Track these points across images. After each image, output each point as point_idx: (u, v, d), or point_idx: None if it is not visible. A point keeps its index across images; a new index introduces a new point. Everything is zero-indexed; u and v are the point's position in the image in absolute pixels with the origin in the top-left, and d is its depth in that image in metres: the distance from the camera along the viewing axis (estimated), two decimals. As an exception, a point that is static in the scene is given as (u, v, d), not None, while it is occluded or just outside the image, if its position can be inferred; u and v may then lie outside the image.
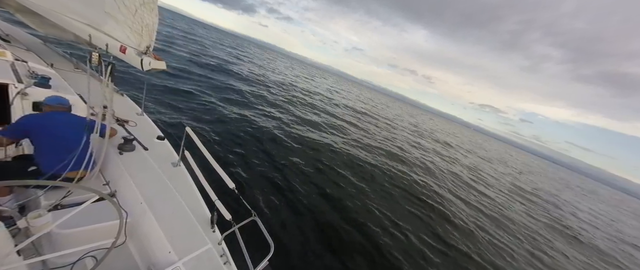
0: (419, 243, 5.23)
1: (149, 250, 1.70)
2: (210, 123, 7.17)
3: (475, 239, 6.43)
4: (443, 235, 5.93)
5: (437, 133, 34.51)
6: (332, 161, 7.77)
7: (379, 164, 9.21)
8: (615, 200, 47.73)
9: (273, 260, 1.71)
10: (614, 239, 12.93)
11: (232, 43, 53.80)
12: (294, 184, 5.50)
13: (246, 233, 1.86)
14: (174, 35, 25.13)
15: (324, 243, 4.11)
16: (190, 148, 2.53)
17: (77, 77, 3.74)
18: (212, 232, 1.92)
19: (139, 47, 1.72)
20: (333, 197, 5.60)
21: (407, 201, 7.10)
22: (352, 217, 5.10)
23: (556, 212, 14.23)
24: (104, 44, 1.82)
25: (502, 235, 7.42)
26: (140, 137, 2.55)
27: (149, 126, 3.07)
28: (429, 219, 6.50)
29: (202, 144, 2.31)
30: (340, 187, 6.24)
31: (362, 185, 6.82)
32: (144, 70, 1.69)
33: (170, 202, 1.94)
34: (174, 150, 2.71)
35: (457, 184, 11.13)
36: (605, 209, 25.98)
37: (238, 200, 2.05)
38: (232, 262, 1.77)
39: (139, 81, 7.57)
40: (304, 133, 9.53)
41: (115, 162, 2.17)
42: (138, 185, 1.96)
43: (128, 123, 2.83)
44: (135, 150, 2.37)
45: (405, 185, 8.25)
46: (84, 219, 1.59)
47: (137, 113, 3.27)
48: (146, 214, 1.79)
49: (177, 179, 2.26)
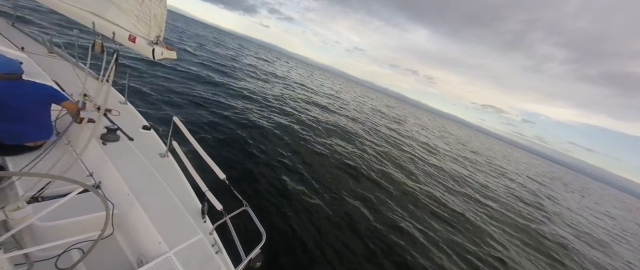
0: (414, 232, 5.45)
1: (138, 241, 1.67)
2: (198, 113, 6.99)
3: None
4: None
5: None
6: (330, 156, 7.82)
7: (381, 167, 9.36)
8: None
9: (265, 249, 1.73)
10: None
11: (233, 43, 51.72)
12: (285, 173, 5.53)
13: (238, 223, 1.87)
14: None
15: (316, 231, 4.20)
16: (178, 138, 2.47)
17: (51, 61, 3.50)
18: (203, 223, 1.91)
19: (149, 36, 1.64)
20: (327, 187, 5.68)
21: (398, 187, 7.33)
22: (346, 206, 5.22)
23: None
24: (110, 32, 1.73)
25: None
26: (125, 127, 2.45)
27: (134, 116, 2.96)
28: (416, 208, 6.77)
29: (190, 134, 2.26)
30: (334, 178, 6.34)
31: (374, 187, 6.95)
32: (155, 59, 1.63)
33: (159, 193, 1.91)
34: (161, 141, 2.63)
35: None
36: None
37: (229, 191, 2.04)
38: (224, 251, 1.78)
39: (121, 69, 7.21)
40: (297, 125, 9.49)
41: (99, 153, 2.09)
42: (124, 176, 1.91)
43: (111, 112, 2.71)
44: (119, 141, 2.29)
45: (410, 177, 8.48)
46: (67, 211, 1.54)
47: (121, 102, 3.13)
48: (134, 205, 1.76)
49: (166, 170, 2.21)
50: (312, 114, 12.49)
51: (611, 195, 58.91)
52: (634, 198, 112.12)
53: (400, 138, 16.15)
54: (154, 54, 1.59)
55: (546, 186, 23.91)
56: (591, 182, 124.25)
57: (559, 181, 37.90)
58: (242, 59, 24.39)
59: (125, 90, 3.14)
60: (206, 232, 1.81)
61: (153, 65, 9.65)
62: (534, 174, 33.33)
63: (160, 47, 1.61)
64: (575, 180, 67.46)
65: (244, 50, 36.09)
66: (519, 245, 7.09)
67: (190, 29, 43.11)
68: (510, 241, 7.08)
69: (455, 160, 16.44)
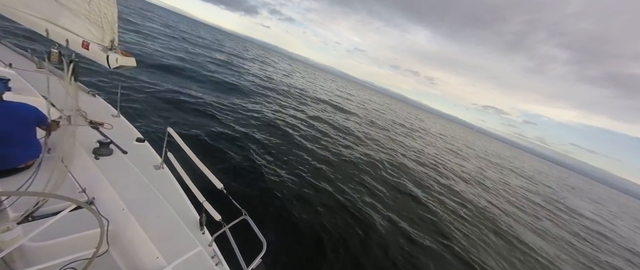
0: (409, 239, 5.42)
1: (135, 257, 1.63)
2: (193, 122, 6.92)
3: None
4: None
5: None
6: (330, 161, 7.80)
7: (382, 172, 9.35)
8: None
9: (266, 258, 1.70)
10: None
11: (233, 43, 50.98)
12: (285, 180, 5.48)
13: (238, 233, 1.83)
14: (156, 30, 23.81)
15: (318, 240, 4.15)
16: (173, 149, 2.44)
17: (40, 77, 3.44)
18: (201, 234, 1.87)
19: (103, 41, 1.55)
20: (327, 194, 5.64)
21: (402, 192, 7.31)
22: (348, 212, 5.18)
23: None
24: (64, 39, 1.65)
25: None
26: (118, 140, 2.41)
27: (127, 128, 2.91)
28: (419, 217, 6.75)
29: (185, 144, 2.23)
30: (334, 184, 6.30)
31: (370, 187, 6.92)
32: (110, 68, 1.54)
33: (155, 206, 1.87)
34: (156, 153, 2.59)
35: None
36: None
37: (227, 200, 2.00)
38: (224, 262, 1.74)
39: (113, 81, 7.12)
40: (295, 130, 9.46)
41: (91, 168, 2.05)
42: (118, 191, 1.86)
43: (103, 125, 2.66)
44: (113, 154, 2.24)
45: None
46: (59, 229, 1.49)
47: (113, 115, 3.08)
48: (129, 219, 1.71)
49: (161, 182, 2.17)
50: (312, 117, 12.48)
51: (614, 199, 55.04)
52: (636, 200, 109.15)
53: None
54: (109, 61, 1.51)
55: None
56: (595, 184, 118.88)
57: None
58: (239, 62, 24.37)
59: (117, 102, 3.10)
60: (205, 244, 1.77)
61: (142, 72, 9.50)
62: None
63: (115, 54, 1.52)
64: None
65: (245, 52, 35.54)
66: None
67: (193, 29, 42.46)
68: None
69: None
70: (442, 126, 60.22)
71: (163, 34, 22.55)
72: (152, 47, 14.47)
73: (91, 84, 5.39)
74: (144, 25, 22.83)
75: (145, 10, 44.50)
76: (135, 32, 17.83)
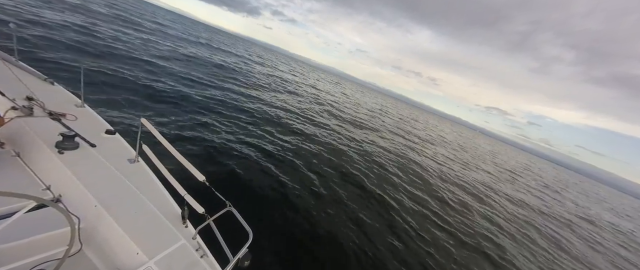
0: (392, 231, 5.68)
1: (112, 255, 1.55)
2: (167, 112, 6.53)
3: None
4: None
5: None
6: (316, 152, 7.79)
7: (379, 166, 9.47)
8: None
9: (253, 247, 1.70)
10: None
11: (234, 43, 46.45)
12: (268, 168, 5.43)
13: (223, 224, 1.80)
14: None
15: (303, 228, 4.22)
16: (148, 142, 2.30)
17: None
18: (184, 228, 1.82)
19: None
20: (312, 183, 5.70)
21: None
22: (331, 202, 5.29)
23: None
24: None
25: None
26: (84, 133, 2.21)
27: (94, 119, 2.67)
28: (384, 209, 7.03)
29: (162, 135, 2.11)
30: (320, 176, 6.36)
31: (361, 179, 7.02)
32: None
33: (131, 201, 1.77)
34: (129, 145, 2.43)
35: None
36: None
37: (210, 192, 1.95)
38: (210, 254, 1.72)
39: (72, 65, 6.42)
40: (276, 118, 9.30)
41: (55, 163, 1.87)
42: (88, 187, 1.74)
43: (65, 117, 2.42)
44: (79, 148, 2.06)
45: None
46: (24, 230, 1.37)
47: (77, 104, 2.81)
48: (103, 216, 1.61)
49: (137, 176, 2.05)
50: (293, 103, 12.32)
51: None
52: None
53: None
54: None
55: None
56: (602, 187, 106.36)
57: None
58: (215, 52, 22.97)
59: (81, 92, 2.81)
60: (189, 237, 1.72)
61: (116, 59, 8.71)
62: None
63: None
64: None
65: (245, 52, 32.70)
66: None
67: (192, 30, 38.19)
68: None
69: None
70: (458, 134, 50.83)
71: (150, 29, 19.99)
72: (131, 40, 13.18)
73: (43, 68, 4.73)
74: (135, 21, 19.80)
75: (142, 11, 38.48)
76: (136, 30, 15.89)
